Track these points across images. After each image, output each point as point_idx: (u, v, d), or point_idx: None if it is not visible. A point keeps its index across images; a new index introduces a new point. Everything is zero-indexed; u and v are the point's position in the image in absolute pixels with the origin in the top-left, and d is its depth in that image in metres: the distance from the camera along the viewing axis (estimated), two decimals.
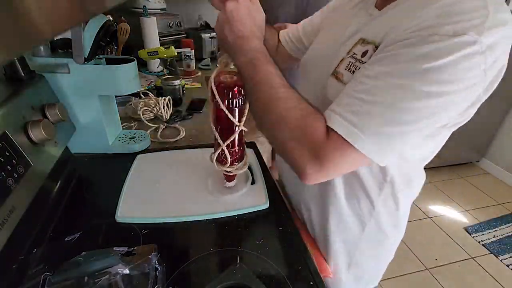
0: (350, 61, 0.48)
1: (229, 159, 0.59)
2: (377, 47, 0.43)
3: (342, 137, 0.40)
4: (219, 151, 0.58)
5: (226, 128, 0.57)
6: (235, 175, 0.67)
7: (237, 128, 0.56)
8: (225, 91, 0.52)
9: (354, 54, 0.48)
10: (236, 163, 0.62)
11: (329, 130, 0.42)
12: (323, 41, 0.62)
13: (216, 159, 0.61)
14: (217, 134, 0.57)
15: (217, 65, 0.54)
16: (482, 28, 0.35)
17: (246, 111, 0.55)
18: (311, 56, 0.63)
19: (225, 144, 0.57)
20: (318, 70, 0.56)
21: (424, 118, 0.39)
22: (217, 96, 0.52)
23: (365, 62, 0.44)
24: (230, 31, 0.47)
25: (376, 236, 0.61)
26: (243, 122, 0.56)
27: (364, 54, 0.46)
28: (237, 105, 0.54)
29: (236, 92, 0.52)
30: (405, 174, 0.54)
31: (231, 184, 0.68)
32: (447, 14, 0.36)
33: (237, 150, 0.60)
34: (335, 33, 0.56)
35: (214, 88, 0.52)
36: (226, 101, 0.53)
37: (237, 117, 0.55)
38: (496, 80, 0.41)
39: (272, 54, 0.64)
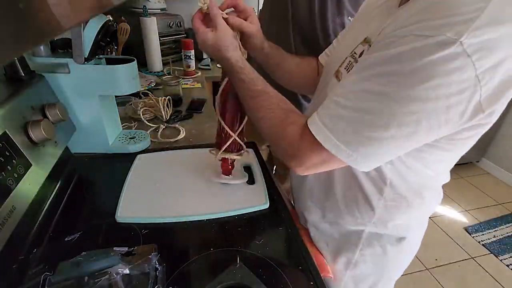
0: (350, 61, 0.48)
1: (244, 145, 0.64)
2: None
3: (316, 140, 0.42)
4: (231, 141, 0.61)
5: (232, 118, 0.61)
6: (233, 167, 0.68)
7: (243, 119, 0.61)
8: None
9: (355, 53, 0.48)
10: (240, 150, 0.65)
11: (304, 131, 0.44)
12: (341, 44, 0.61)
13: (223, 149, 0.63)
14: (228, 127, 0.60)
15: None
16: (466, 27, 0.30)
17: None
18: (328, 58, 0.64)
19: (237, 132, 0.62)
20: (326, 71, 0.57)
21: (398, 124, 0.36)
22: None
23: None
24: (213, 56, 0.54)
25: (377, 243, 0.58)
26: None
27: (361, 54, 0.46)
28: None
29: None
30: (411, 184, 0.51)
31: (229, 177, 0.69)
32: (432, 10, 0.33)
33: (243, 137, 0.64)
34: (354, 35, 0.55)
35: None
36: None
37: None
38: (507, 86, 0.35)
39: (311, 80, 0.69)
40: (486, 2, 0.31)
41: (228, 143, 0.62)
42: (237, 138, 0.61)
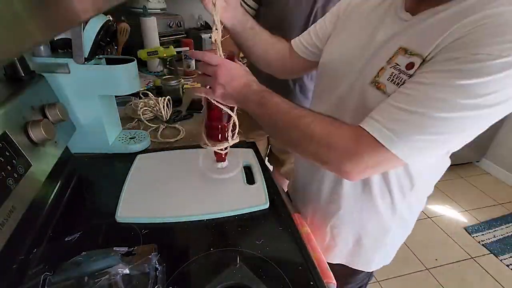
0: (393, 72, 0.48)
1: (230, 134, 0.61)
2: (424, 60, 0.44)
3: (376, 140, 0.43)
4: (231, 124, 0.60)
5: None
6: (226, 154, 0.66)
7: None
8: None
9: (397, 64, 0.47)
10: (231, 138, 0.62)
11: (360, 132, 0.45)
12: (347, 45, 0.61)
13: (212, 139, 0.61)
14: (232, 114, 0.58)
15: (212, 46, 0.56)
16: None
17: None
18: (335, 59, 0.63)
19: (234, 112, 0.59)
20: (349, 75, 0.57)
21: (458, 129, 0.41)
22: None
23: (412, 75, 0.45)
24: (232, 88, 0.53)
25: (404, 217, 0.66)
26: None
27: (409, 66, 0.46)
28: None
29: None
30: (433, 167, 0.59)
31: (224, 164, 0.68)
32: (494, 34, 0.38)
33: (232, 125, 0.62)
34: (361, 37, 0.56)
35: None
36: None
37: None
38: None
39: (285, 62, 0.73)
40: None
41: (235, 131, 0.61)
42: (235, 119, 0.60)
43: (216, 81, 0.53)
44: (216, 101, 0.56)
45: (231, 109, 0.58)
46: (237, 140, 0.63)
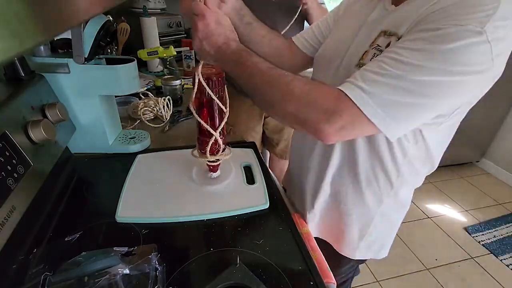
0: (375, 53, 0.51)
1: (222, 146, 0.63)
2: (399, 38, 0.47)
3: (352, 101, 0.43)
4: (212, 141, 0.61)
5: (211, 119, 0.61)
6: (219, 164, 0.69)
7: (225, 115, 0.60)
8: (209, 82, 0.56)
9: (378, 45, 0.51)
10: (223, 151, 0.65)
11: (340, 94, 0.45)
12: (340, 36, 0.64)
13: (205, 152, 0.63)
14: (208, 127, 0.60)
15: (199, 60, 0.56)
16: (486, 20, 0.38)
17: (227, 97, 0.60)
18: (328, 49, 0.66)
19: (217, 131, 0.61)
20: (339, 63, 0.59)
21: (431, 94, 0.42)
22: (207, 88, 0.55)
23: None
24: (209, 45, 0.52)
25: (390, 210, 0.66)
26: (228, 109, 0.60)
27: (388, 45, 0.49)
28: (222, 93, 0.59)
29: (220, 81, 0.57)
30: (423, 156, 0.58)
31: (217, 174, 0.70)
32: (457, 7, 0.41)
33: (224, 138, 0.64)
34: (351, 29, 0.60)
35: (203, 81, 0.55)
36: (213, 91, 0.57)
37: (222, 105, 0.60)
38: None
39: (283, 59, 0.72)
40: (498, 1, 0.39)
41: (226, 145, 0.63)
42: (218, 138, 0.61)
43: (195, 33, 0.52)
44: (200, 119, 0.58)
45: (214, 128, 0.60)
46: (225, 157, 0.66)
